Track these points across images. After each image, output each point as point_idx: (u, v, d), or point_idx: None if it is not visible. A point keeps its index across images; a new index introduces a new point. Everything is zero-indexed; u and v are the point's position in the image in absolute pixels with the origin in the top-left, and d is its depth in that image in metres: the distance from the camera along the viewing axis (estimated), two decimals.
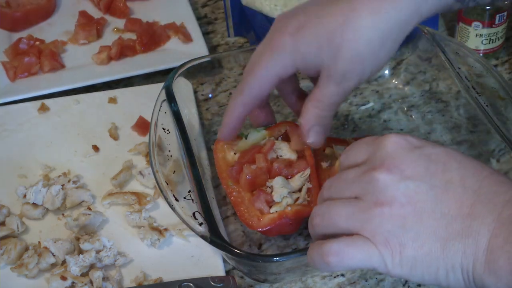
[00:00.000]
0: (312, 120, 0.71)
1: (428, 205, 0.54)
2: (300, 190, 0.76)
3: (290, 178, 0.77)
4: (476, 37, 0.98)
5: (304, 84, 0.96)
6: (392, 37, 0.66)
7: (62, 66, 1.03)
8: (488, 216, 0.53)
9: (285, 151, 0.79)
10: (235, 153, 0.80)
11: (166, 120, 0.80)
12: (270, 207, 0.75)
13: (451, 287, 0.55)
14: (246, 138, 0.81)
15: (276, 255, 0.69)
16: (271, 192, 0.76)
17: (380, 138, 0.58)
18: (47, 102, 0.96)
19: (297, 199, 0.76)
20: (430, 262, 0.54)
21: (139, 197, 0.82)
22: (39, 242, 0.78)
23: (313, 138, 0.72)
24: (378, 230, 0.54)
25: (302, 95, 0.76)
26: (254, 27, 1.01)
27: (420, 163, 0.55)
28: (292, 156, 0.79)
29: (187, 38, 1.05)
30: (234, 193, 0.76)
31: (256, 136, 0.81)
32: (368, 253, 0.55)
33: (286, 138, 0.81)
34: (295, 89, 0.78)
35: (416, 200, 0.54)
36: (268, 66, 0.69)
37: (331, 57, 0.66)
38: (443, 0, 0.68)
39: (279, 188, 0.75)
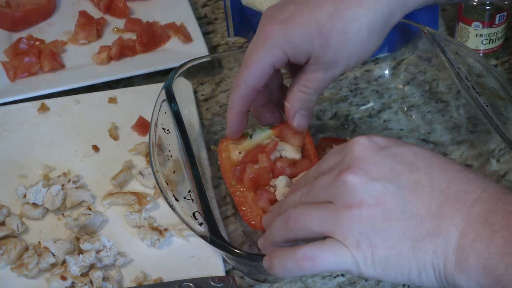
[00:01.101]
0: (298, 104, 0.73)
1: (396, 205, 0.54)
2: None
3: (294, 177, 0.77)
4: (476, 37, 0.98)
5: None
6: (378, 28, 0.69)
7: (62, 66, 1.03)
8: (457, 215, 0.53)
9: (289, 151, 0.79)
10: (240, 152, 0.80)
11: (166, 120, 0.80)
12: None
13: (424, 286, 0.55)
14: (251, 138, 0.81)
15: None
16: (275, 191, 0.75)
17: (348, 143, 0.58)
18: (47, 102, 0.96)
19: None
20: (402, 262, 0.54)
21: (139, 197, 0.82)
22: (39, 242, 0.78)
23: (298, 120, 0.74)
24: (349, 232, 0.55)
25: (285, 91, 0.77)
26: (254, 27, 1.01)
27: (386, 164, 0.56)
28: (296, 155, 0.79)
29: (187, 38, 1.05)
30: (237, 193, 0.76)
31: (261, 135, 0.81)
32: (341, 256, 0.55)
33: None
34: (280, 84, 0.79)
35: (384, 201, 0.54)
36: (260, 57, 0.70)
37: (320, 46, 0.68)
38: None
39: (282, 187, 0.75)
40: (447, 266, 0.53)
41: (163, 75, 1.00)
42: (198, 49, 1.02)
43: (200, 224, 0.69)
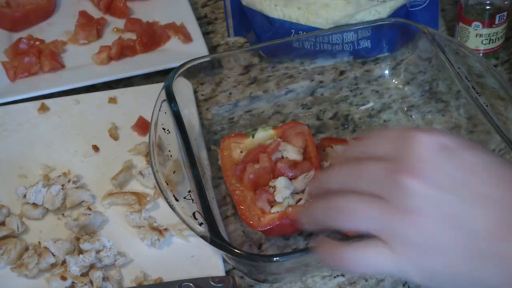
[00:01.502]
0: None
1: (456, 219, 0.50)
2: (303, 191, 0.76)
3: (294, 179, 0.77)
4: (476, 37, 0.98)
5: (305, 83, 0.96)
6: None
7: (62, 66, 1.03)
8: None
9: (291, 152, 0.79)
10: (241, 151, 0.80)
11: (166, 120, 0.80)
12: (272, 206, 0.75)
13: None
14: (253, 137, 0.82)
15: (276, 255, 0.69)
16: (274, 192, 0.76)
17: (409, 135, 0.52)
18: (47, 102, 0.96)
19: (299, 200, 0.76)
20: (454, 277, 0.51)
21: (139, 197, 0.82)
22: (39, 242, 0.78)
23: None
24: (400, 239, 0.51)
25: None
26: (254, 27, 1.01)
27: (451, 172, 0.50)
28: (298, 157, 0.79)
29: (187, 38, 1.05)
30: (237, 192, 0.76)
31: (263, 135, 0.82)
32: (388, 261, 0.51)
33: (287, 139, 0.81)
34: None
35: (444, 213, 0.50)
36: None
37: None
38: None
39: (282, 188, 0.75)
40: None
41: (163, 75, 1.00)
42: (198, 49, 1.02)
43: (200, 224, 0.69)
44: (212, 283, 0.70)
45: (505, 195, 0.50)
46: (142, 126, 0.91)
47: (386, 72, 0.96)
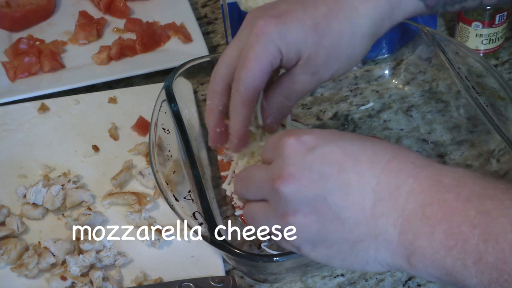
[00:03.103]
0: (275, 107, 0.70)
1: (329, 212, 0.54)
2: None
3: None
4: (476, 37, 0.98)
5: None
6: (369, 36, 0.68)
7: (62, 66, 1.03)
8: (392, 213, 0.53)
9: None
10: None
11: (166, 120, 0.80)
12: None
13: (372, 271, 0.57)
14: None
15: (276, 255, 0.68)
16: None
17: (280, 141, 0.57)
18: (47, 102, 0.96)
19: None
20: (343, 258, 0.56)
21: (139, 197, 0.82)
22: (39, 242, 0.78)
23: (270, 121, 0.71)
24: (287, 236, 0.56)
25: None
26: None
27: (315, 169, 0.54)
28: None
29: (187, 38, 1.05)
30: None
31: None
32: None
33: None
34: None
35: (317, 208, 0.54)
36: (257, 55, 0.65)
37: (314, 45, 0.66)
38: (414, 6, 0.69)
39: None
40: (395, 260, 0.53)
41: (163, 75, 1.00)
42: (198, 49, 1.02)
43: (200, 224, 0.69)
44: (212, 283, 0.71)
45: (362, 176, 0.54)
46: (142, 126, 0.91)
47: (386, 72, 0.96)
